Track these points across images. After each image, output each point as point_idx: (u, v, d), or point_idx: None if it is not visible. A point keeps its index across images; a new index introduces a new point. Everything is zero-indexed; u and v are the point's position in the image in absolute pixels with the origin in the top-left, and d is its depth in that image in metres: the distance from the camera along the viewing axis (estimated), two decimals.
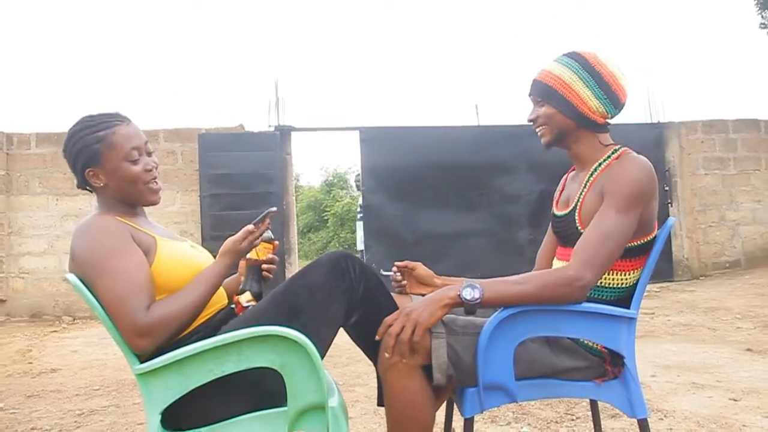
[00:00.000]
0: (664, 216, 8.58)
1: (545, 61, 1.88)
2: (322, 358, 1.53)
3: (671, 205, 8.74)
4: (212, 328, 1.65)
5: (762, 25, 11.22)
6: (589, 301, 1.67)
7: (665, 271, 8.55)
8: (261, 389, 1.54)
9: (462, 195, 8.31)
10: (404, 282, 2.02)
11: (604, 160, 1.79)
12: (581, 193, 1.79)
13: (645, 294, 6.16)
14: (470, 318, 1.71)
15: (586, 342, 1.69)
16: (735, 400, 3.01)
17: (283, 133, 8.23)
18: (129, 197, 1.74)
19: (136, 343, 1.48)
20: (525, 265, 1.97)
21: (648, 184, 1.67)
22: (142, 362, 1.50)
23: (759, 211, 9.01)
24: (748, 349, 4.18)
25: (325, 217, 22.90)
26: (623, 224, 1.63)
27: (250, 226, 1.76)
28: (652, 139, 8.81)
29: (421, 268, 2.03)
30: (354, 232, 20.73)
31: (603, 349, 1.69)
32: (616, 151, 1.80)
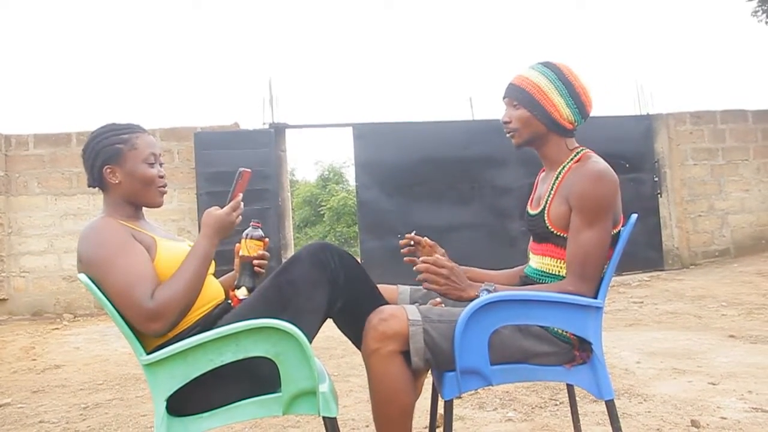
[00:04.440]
0: (652, 206, 8.72)
1: (539, 53, 2.00)
2: (309, 344, 1.66)
3: (661, 196, 8.86)
4: (210, 321, 1.77)
5: (754, 13, 11.29)
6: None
7: (656, 261, 8.69)
8: (257, 377, 1.66)
9: (455, 188, 8.41)
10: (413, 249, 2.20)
11: (567, 163, 1.93)
12: (549, 196, 1.93)
13: (636, 284, 6.30)
14: (446, 307, 1.85)
15: (556, 329, 1.82)
16: (713, 384, 3.12)
17: (278, 130, 8.33)
18: (138, 197, 1.86)
19: (150, 327, 1.62)
20: (517, 255, 2.10)
21: (610, 190, 1.80)
22: (148, 353, 1.63)
23: (747, 200, 9.14)
24: (731, 336, 4.30)
25: (321, 212, 22.99)
26: (600, 235, 1.78)
27: (233, 203, 1.90)
28: (641, 131, 8.93)
29: (430, 249, 2.21)
30: (350, 226, 20.90)
31: (572, 336, 1.82)
32: (577, 153, 1.94)
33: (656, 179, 8.85)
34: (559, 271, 1.90)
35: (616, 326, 4.99)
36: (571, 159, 1.94)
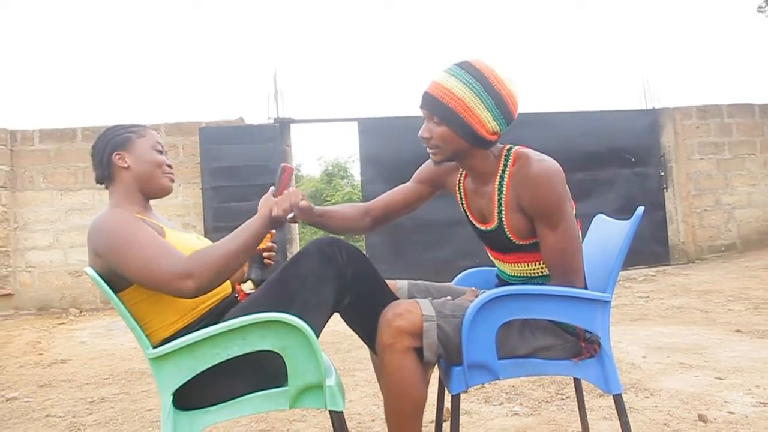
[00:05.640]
0: (658, 200, 8.68)
1: (543, 48, 1.91)
2: (316, 338, 1.66)
3: (667, 190, 8.83)
4: (217, 315, 1.78)
5: (760, 9, 11.22)
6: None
7: (661, 256, 8.66)
8: (264, 370, 1.66)
9: None
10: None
11: (503, 171, 1.84)
12: (500, 213, 1.84)
13: (641, 278, 6.25)
14: (458, 302, 1.84)
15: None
16: (720, 379, 3.11)
17: (283, 125, 8.32)
18: (147, 181, 1.89)
19: (183, 286, 1.59)
20: None
21: (562, 184, 1.73)
22: (154, 347, 1.63)
23: (754, 194, 9.09)
24: (738, 330, 4.28)
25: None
26: (567, 230, 1.75)
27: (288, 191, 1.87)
28: (647, 125, 8.89)
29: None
30: None
31: (578, 328, 1.81)
32: (507, 156, 1.85)
33: (662, 174, 8.82)
34: (541, 272, 1.87)
35: (622, 321, 4.98)
36: (506, 165, 1.84)
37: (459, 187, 2.05)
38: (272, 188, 1.90)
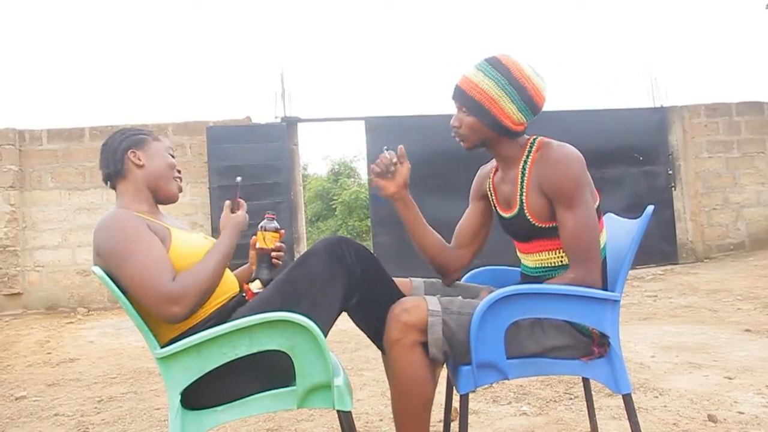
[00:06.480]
0: (666, 199, 8.65)
1: (549, 43, 1.95)
2: (324, 337, 1.65)
3: (675, 189, 8.79)
4: (225, 314, 1.77)
5: None
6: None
7: (670, 254, 8.63)
8: (272, 370, 1.66)
9: (469, 182, 8.30)
10: (393, 165, 2.15)
11: (527, 157, 1.91)
12: (521, 195, 1.90)
13: (650, 277, 6.21)
14: (467, 300, 1.83)
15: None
16: (730, 379, 3.09)
17: (290, 124, 8.32)
18: (159, 180, 1.92)
19: (169, 311, 1.60)
20: None
21: (578, 169, 1.79)
22: (162, 347, 1.62)
23: (763, 193, 9.04)
24: (747, 330, 4.25)
25: (333, 206, 22.97)
26: (583, 215, 1.76)
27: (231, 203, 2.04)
28: (655, 123, 8.86)
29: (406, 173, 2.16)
30: (362, 219, 20.86)
31: (594, 331, 1.80)
32: (532, 144, 1.92)
33: (670, 172, 8.78)
34: (561, 261, 1.88)
35: (630, 320, 4.95)
36: (530, 151, 1.92)
37: (489, 185, 2.13)
38: (228, 202, 2.02)
